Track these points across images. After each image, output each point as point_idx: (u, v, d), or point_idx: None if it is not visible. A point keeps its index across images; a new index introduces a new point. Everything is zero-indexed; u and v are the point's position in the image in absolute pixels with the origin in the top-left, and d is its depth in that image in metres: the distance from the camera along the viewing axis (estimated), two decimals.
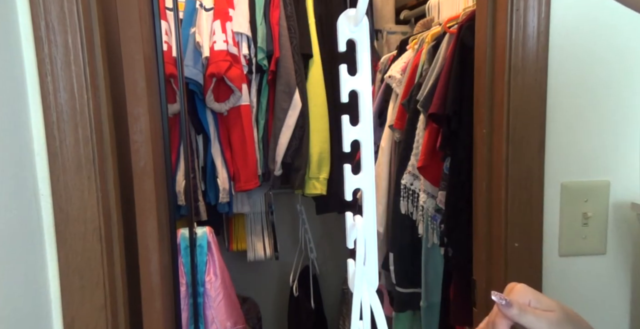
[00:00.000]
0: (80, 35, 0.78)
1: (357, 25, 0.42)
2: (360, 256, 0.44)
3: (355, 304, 0.45)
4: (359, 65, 0.44)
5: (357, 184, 0.44)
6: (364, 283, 0.45)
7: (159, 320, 0.99)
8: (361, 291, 0.45)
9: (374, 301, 0.46)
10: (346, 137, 0.43)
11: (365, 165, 0.45)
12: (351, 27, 0.43)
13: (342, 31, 0.43)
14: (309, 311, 2.40)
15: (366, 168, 0.45)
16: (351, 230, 0.45)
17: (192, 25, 1.87)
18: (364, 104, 0.43)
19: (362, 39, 0.43)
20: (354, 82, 0.43)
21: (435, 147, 1.30)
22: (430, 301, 1.47)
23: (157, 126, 1.04)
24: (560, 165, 0.97)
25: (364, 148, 0.44)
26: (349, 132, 0.43)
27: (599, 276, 1.01)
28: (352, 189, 0.44)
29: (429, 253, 1.45)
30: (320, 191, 2.04)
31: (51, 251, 0.82)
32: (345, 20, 0.43)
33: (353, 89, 0.43)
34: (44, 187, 0.80)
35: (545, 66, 0.93)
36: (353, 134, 0.44)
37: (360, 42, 0.43)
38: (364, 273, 0.45)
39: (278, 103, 1.95)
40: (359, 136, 0.44)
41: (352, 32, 0.43)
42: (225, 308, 1.41)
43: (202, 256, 1.39)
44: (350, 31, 0.43)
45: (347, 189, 0.44)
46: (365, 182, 0.45)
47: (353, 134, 0.44)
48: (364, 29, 0.43)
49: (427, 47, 1.45)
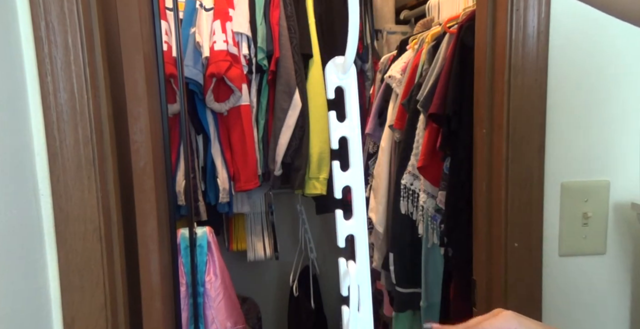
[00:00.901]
0: (80, 35, 0.78)
1: (346, 73, 0.43)
2: (354, 303, 0.44)
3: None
4: (348, 112, 0.44)
5: (350, 231, 0.45)
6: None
7: (159, 320, 0.99)
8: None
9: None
10: (337, 184, 0.44)
11: (357, 211, 0.45)
12: (339, 75, 0.43)
13: (330, 79, 0.43)
14: (309, 311, 2.40)
15: (358, 214, 0.45)
16: (344, 277, 0.45)
17: (192, 25, 1.87)
18: (353, 150, 0.44)
19: (350, 87, 0.44)
20: (343, 128, 0.43)
21: (435, 147, 1.30)
22: (430, 301, 1.47)
23: (157, 126, 1.04)
24: (560, 165, 0.97)
25: (355, 193, 0.45)
26: (340, 179, 0.44)
27: (599, 276, 1.01)
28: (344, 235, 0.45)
29: (429, 253, 1.45)
30: (320, 191, 2.04)
31: (51, 251, 0.82)
32: (334, 68, 0.43)
33: (343, 136, 0.44)
34: (44, 187, 0.80)
35: (545, 66, 0.93)
36: (344, 180, 0.44)
37: (349, 90, 0.44)
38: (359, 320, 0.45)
39: (278, 103, 1.95)
40: (349, 181, 0.44)
41: (341, 80, 0.43)
42: (225, 308, 1.41)
43: (202, 256, 1.39)
44: (338, 79, 0.43)
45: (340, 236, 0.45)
46: (357, 229, 0.45)
47: (344, 180, 0.44)
48: (352, 76, 0.44)
49: (427, 47, 1.45)
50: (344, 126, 0.44)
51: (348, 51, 0.41)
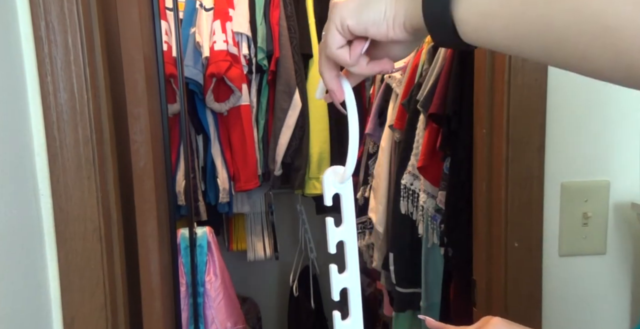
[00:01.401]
0: (80, 35, 0.78)
1: (343, 182, 0.45)
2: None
3: None
4: (344, 217, 0.46)
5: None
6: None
7: (159, 320, 0.99)
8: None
9: None
10: (335, 286, 0.46)
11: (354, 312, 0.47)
12: (336, 184, 0.45)
13: (327, 186, 0.45)
14: (309, 311, 2.40)
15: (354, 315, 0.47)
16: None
17: (192, 25, 1.87)
18: (349, 253, 0.46)
19: (346, 193, 0.46)
20: (340, 233, 0.45)
21: (435, 147, 1.30)
22: (430, 301, 1.47)
23: (157, 126, 1.04)
24: (560, 165, 0.97)
25: (352, 295, 0.47)
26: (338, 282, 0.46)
27: (599, 276, 1.01)
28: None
29: (429, 253, 1.45)
30: (321, 191, 2.03)
31: (51, 251, 0.82)
32: (332, 176, 0.45)
33: (340, 240, 0.46)
34: (44, 187, 0.80)
35: (545, 66, 0.93)
36: (342, 283, 0.46)
37: (345, 197, 0.46)
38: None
39: (278, 103, 1.95)
40: (347, 283, 0.47)
41: (337, 188, 0.46)
42: (225, 308, 1.41)
43: (202, 256, 1.39)
44: (335, 187, 0.45)
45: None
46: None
47: (342, 283, 0.46)
48: (348, 185, 0.46)
49: (427, 47, 1.45)
50: (340, 231, 0.46)
51: (348, 164, 0.44)
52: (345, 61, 0.44)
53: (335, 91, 0.45)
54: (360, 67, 0.45)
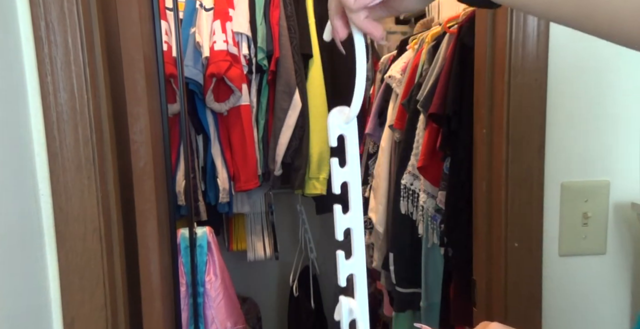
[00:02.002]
0: (80, 35, 0.78)
1: (348, 123, 0.45)
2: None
3: None
4: (348, 159, 0.46)
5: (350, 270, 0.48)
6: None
7: (159, 320, 0.99)
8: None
9: None
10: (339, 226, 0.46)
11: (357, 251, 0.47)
12: (341, 124, 0.45)
13: (332, 127, 0.45)
14: (309, 311, 2.40)
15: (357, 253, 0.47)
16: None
17: (192, 25, 1.87)
18: (354, 194, 0.46)
19: (351, 135, 0.46)
20: (344, 174, 0.45)
21: (435, 147, 1.30)
22: (430, 301, 1.47)
23: (157, 126, 1.04)
24: (560, 165, 0.97)
25: (356, 235, 0.47)
26: (341, 221, 0.46)
27: (599, 276, 1.01)
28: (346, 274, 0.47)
29: (429, 253, 1.45)
30: (320, 191, 2.04)
31: (51, 251, 0.82)
32: (337, 115, 0.45)
33: (344, 181, 0.46)
34: (44, 187, 0.80)
35: (545, 66, 0.93)
36: (345, 222, 0.46)
37: (350, 138, 0.46)
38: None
39: (278, 103, 1.95)
40: (350, 224, 0.47)
41: (342, 129, 0.46)
42: (225, 308, 1.41)
43: (202, 256, 1.39)
44: (340, 128, 0.45)
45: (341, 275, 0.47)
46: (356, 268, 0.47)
47: (345, 222, 0.46)
48: (353, 126, 0.46)
49: (427, 47, 1.45)
50: (344, 172, 0.46)
51: (354, 104, 0.43)
52: (349, 5, 0.43)
53: (337, 28, 0.45)
54: (357, 17, 0.44)
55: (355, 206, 0.46)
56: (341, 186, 0.46)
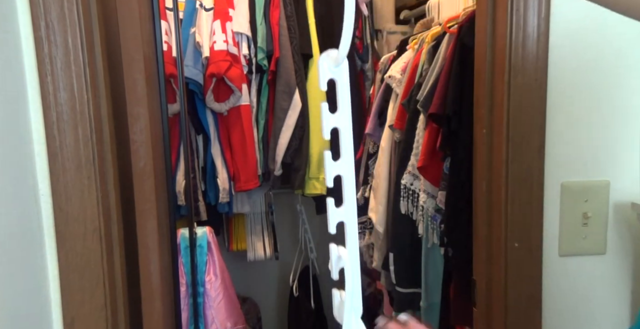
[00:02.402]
0: (80, 35, 0.78)
1: (338, 66, 0.43)
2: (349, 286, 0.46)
3: None
4: (339, 104, 0.45)
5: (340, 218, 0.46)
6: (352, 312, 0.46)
7: (158, 320, 0.99)
8: (351, 321, 0.46)
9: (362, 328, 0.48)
10: (329, 173, 0.45)
11: (347, 200, 0.46)
12: (331, 68, 0.44)
13: (322, 70, 0.44)
14: (309, 311, 2.40)
15: (348, 203, 0.46)
16: (337, 262, 0.46)
17: (192, 25, 1.87)
18: (344, 141, 0.45)
19: (342, 79, 0.45)
20: (334, 119, 0.45)
21: (435, 147, 1.30)
22: (430, 301, 1.47)
23: (157, 126, 1.04)
24: (560, 165, 0.97)
25: (346, 184, 0.46)
26: (331, 168, 0.45)
27: (599, 276, 1.01)
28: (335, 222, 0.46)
29: (429, 253, 1.45)
30: (320, 191, 2.04)
31: (51, 251, 0.82)
32: (327, 60, 0.44)
33: (334, 127, 0.45)
34: (44, 187, 0.80)
35: (545, 66, 0.93)
36: (335, 169, 0.45)
37: (340, 82, 0.45)
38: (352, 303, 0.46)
39: (278, 103, 1.95)
40: (340, 171, 0.45)
41: (332, 73, 0.44)
42: (225, 308, 1.41)
43: (202, 256, 1.39)
44: (330, 71, 0.44)
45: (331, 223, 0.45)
46: (347, 216, 0.46)
47: (335, 169, 0.45)
48: (344, 69, 0.44)
49: (427, 47, 1.45)
50: (335, 118, 0.45)
51: (342, 44, 0.42)
52: None
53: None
54: None
55: (346, 154, 0.45)
56: (331, 132, 0.45)
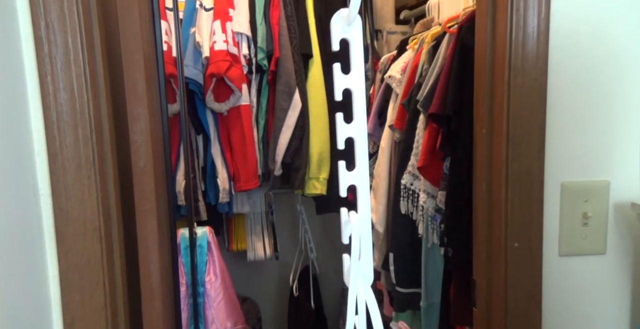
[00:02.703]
0: (80, 35, 0.78)
1: (350, 24, 0.43)
2: (355, 251, 0.45)
3: (351, 299, 0.46)
4: (353, 64, 0.44)
5: (352, 181, 0.45)
6: (359, 278, 0.46)
7: (158, 320, 0.99)
8: (356, 286, 0.46)
9: (369, 295, 0.47)
10: (340, 135, 0.44)
11: (360, 162, 0.45)
12: (344, 27, 0.43)
13: (335, 31, 0.43)
14: (309, 311, 2.40)
15: (360, 165, 0.45)
16: (346, 226, 0.46)
17: (192, 25, 1.87)
18: (357, 102, 0.44)
19: (355, 38, 0.44)
20: (347, 80, 0.44)
21: (435, 147, 1.30)
22: (430, 301, 1.47)
23: (157, 126, 1.04)
24: (560, 165, 0.97)
25: (358, 145, 0.45)
26: (343, 130, 0.44)
27: (599, 276, 1.01)
28: (346, 185, 0.45)
29: (429, 253, 1.45)
30: (320, 191, 2.04)
31: (51, 251, 0.82)
32: (339, 20, 0.43)
33: (347, 88, 0.44)
34: (44, 187, 0.80)
35: (545, 66, 0.93)
36: (347, 131, 0.44)
37: (354, 41, 0.44)
38: (359, 268, 0.46)
39: (278, 103, 1.95)
40: (352, 133, 0.45)
41: (345, 32, 0.43)
42: (225, 308, 1.41)
43: (202, 256, 1.39)
44: (343, 31, 0.43)
45: (342, 186, 0.45)
46: (359, 179, 0.45)
47: (347, 131, 0.44)
48: (356, 28, 0.44)
49: (427, 47, 1.45)
50: (348, 78, 0.44)
51: (352, 4, 0.41)
52: None
53: None
54: None
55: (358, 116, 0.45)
56: (343, 93, 0.45)
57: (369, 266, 0.47)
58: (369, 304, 0.47)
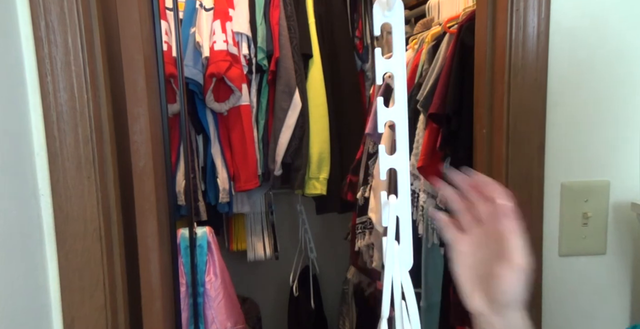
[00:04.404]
0: (80, 35, 0.78)
1: (391, 9, 0.43)
2: (391, 234, 0.46)
3: (386, 283, 0.46)
4: (395, 47, 0.45)
5: (392, 164, 0.46)
6: (397, 261, 0.47)
7: (158, 320, 0.99)
8: (392, 270, 0.47)
9: (405, 280, 0.47)
10: (381, 119, 0.45)
11: (400, 145, 0.46)
12: (385, 12, 0.44)
13: (377, 16, 0.45)
14: (309, 311, 2.40)
15: (400, 149, 0.46)
16: (384, 208, 0.46)
17: (192, 25, 1.87)
18: (399, 85, 0.45)
19: (397, 22, 0.45)
20: (388, 64, 0.44)
21: (435, 147, 1.30)
22: (430, 301, 1.47)
23: (157, 126, 1.04)
24: (560, 165, 0.97)
25: (399, 129, 0.46)
26: (383, 114, 0.45)
27: (599, 276, 1.01)
28: (386, 168, 0.46)
29: (429, 253, 1.45)
30: (320, 191, 2.04)
31: (51, 251, 0.82)
32: (379, 6, 0.44)
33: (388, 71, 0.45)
34: (44, 187, 0.80)
35: (545, 66, 0.93)
36: (388, 115, 0.45)
37: (396, 25, 0.45)
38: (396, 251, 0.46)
39: (278, 103, 1.95)
40: (393, 116, 0.45)
41: (386, 17, 0.45)
42: (225, 308, 1.41)
43: (202, 256, 1.39)
44: (384, 15, 0.44)
45: (382, 169, 0.46)
46: (399, 163, 0.46)
47: (388, 115, 0.45)
48: (398, 12, 0.45)
49: (427, 47, 1.45)
50: (388, 63, 0.46)
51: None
52: None
53: None
54: None
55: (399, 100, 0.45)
56: (384, 76, 0.45)
57: (408, 250, 0.48)
58: (405, 289, 0.47)
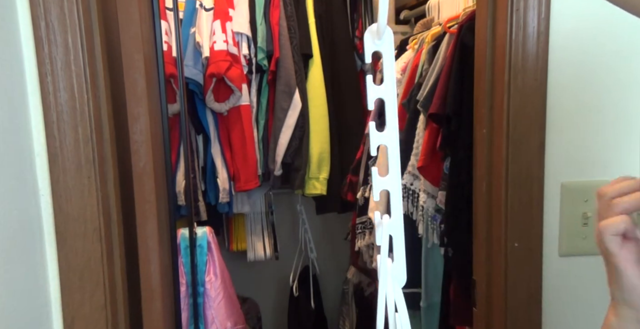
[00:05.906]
0: (80, 35, 0.78)
1: (381, 38, 0.44)
2: (384, 252, 0.47)
3: (380, 300, 0.47)
4: (385, 75, 0.46)
5: (385, 186, 0.47)
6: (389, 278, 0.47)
7: (159, 320, 0.99)
8: (385, 287, 0.47)
9: (398, 297, 0.48)
10: (373, 142, 0.46)
11: (392, 169, 0.47)
12: (375, 41, 0.45)
13: (367, 44, 0.46)
14: (309, 311, 2.40)
15: (392, 172, 0.47)
16: (378, 228, 0.47)
17: (192, 25, 1.87)
18: (390, 111, 0.46)
19: (387, 51, 0.46)
20: (379, 91, 0.46)
21: (435, 147, 1.30)
22: (430, 301, 1.47)
23: (157, 126, 1.04)
24: (560, 165, 0.97)
25: (391, 152, 0.47)
26: (375, 138, 0.46)
27: (599, 276, 1.01)
28: (379, 190, 0.47)
29: (429, 253, 1.45)
30: (320, 191, 2.04)
31: (51, 251, 0.82)
32: (370, 35, 0.45)
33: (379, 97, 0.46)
34: (44, 187, 0.80)
35: (545, 66, 0.93)
36: (379, 139, 0.46)
37: (386, 53, 0.46)
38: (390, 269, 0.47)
39: (278, 103, 1.95)
40: (385, 141, 0.46)
41: (377, 45, 0.46)
42: (225, 308, 1.41)
43: (202, 256, 1.39)
44: (374, 44, 0.45)
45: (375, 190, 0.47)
46: (392, 184, 0.47)
47: (379, 139, 0.46)
48: (387, 40, 0.46)
49: (427, 47, 1.45)
50: (380, 89, 0.46)
51: (380, 17, 0.43)
52: None
53: None
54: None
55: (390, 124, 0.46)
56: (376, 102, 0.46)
57: (402, 268, 0.48)
58: (398, 307, 0.48)
